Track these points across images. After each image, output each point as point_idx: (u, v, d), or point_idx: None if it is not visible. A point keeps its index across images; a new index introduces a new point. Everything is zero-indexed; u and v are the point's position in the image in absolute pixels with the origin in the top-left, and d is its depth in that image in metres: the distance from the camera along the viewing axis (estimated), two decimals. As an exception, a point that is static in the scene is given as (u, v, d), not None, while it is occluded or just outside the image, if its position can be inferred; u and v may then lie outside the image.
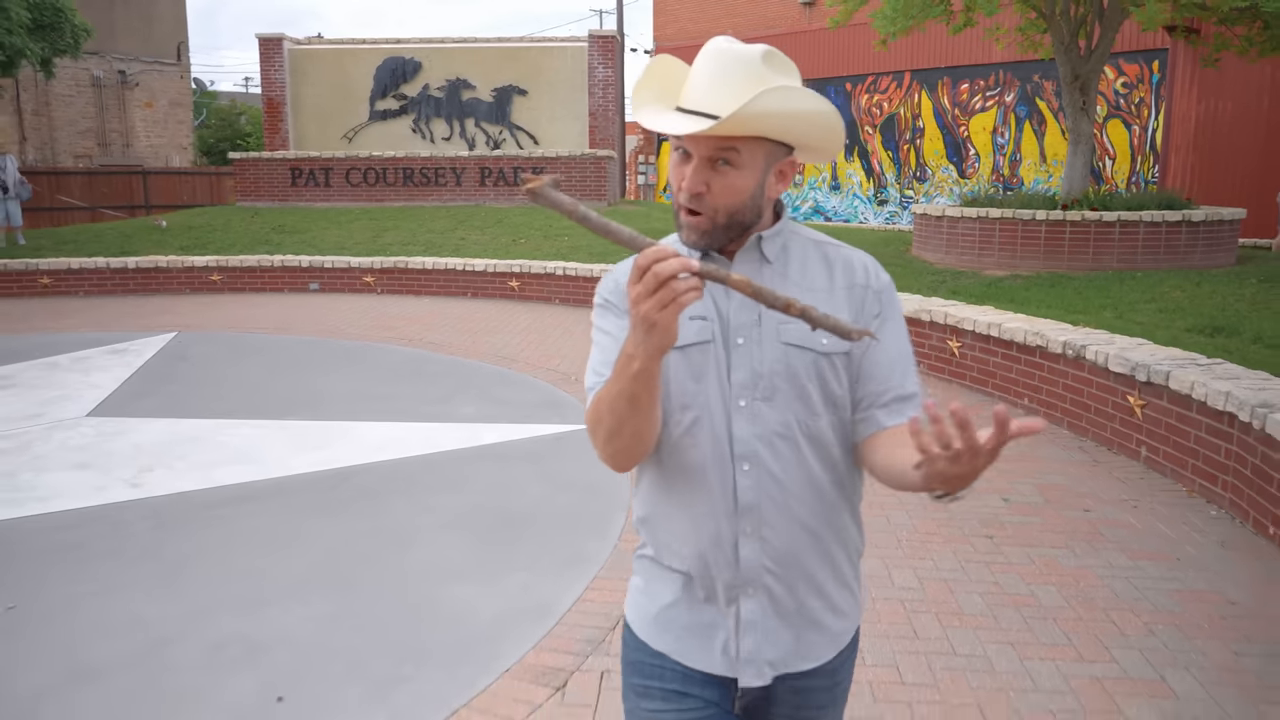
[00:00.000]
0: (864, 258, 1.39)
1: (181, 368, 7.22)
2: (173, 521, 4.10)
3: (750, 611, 1.33)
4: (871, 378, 1.35)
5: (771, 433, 1.30)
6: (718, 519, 1.31)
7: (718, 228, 1.28)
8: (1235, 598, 3.37)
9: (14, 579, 3.53)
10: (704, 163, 1.25)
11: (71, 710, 2.67)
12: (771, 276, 1.33)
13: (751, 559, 1.31)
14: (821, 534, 1.35)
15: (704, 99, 1.23)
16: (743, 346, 1.31)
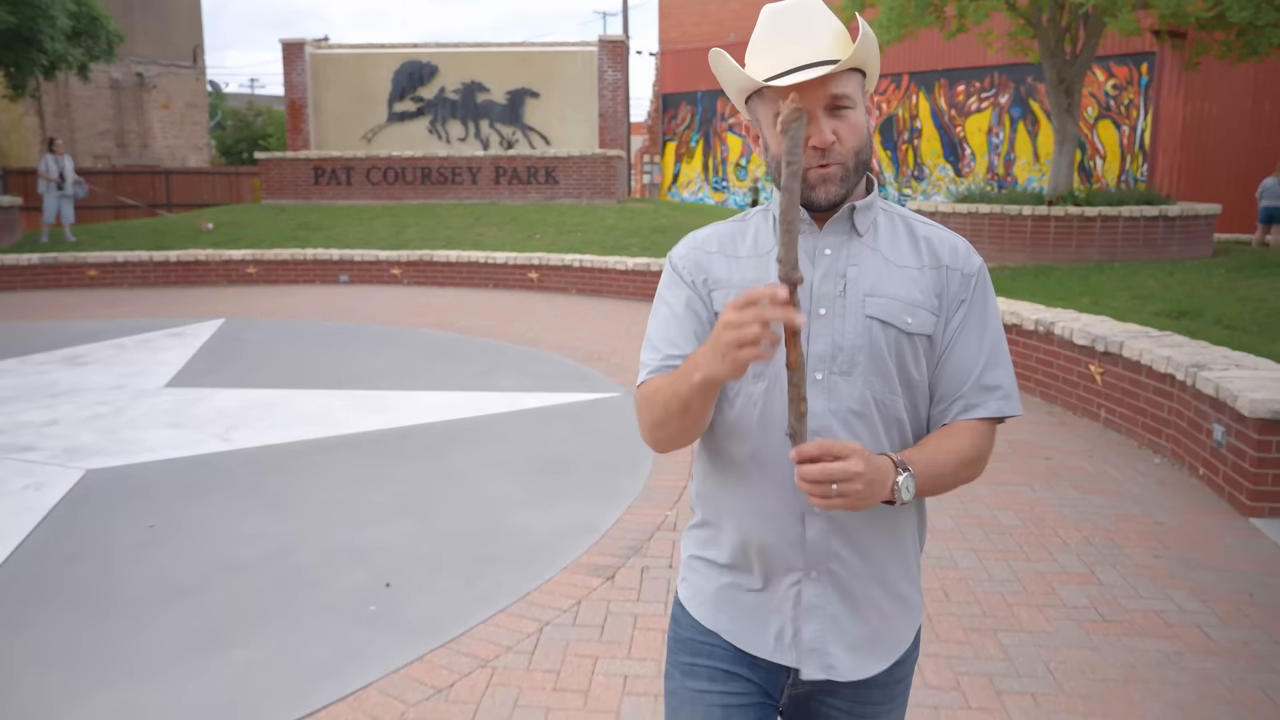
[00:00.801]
0: (955, 239, 1.35)
1: (238, 348, 7.93)
2: (266, 467, 4.82)
3: (814, 595, 1.29)
4: (952, 372, 1.31)
5: (847, 409, 1.26)
6: (784, 495, 1.26)
7: (850, 172, 1.26)
8: (1162, 520, 4.07)
9: (147, 507, 4.24)
10: (825, 113, 1.23)
11: (231, 591, 3.38)
12: (860, 249, 1.30)
13: (818, 539, 1.27)
14: (890, 521, 1.30)
15: (809, 51, 1.22)
16: (824, 317, 1.27)
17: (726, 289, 1.30)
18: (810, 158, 1.24)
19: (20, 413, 5.81)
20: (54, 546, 3.81)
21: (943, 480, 1.27)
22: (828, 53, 1.21)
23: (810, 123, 1.22)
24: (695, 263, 1.34)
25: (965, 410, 1.31)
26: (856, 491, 1.12)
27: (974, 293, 1.31)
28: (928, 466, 1.25)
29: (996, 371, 1.31)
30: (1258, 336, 6.90)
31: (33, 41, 12.85)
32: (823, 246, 1.30)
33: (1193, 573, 3.53)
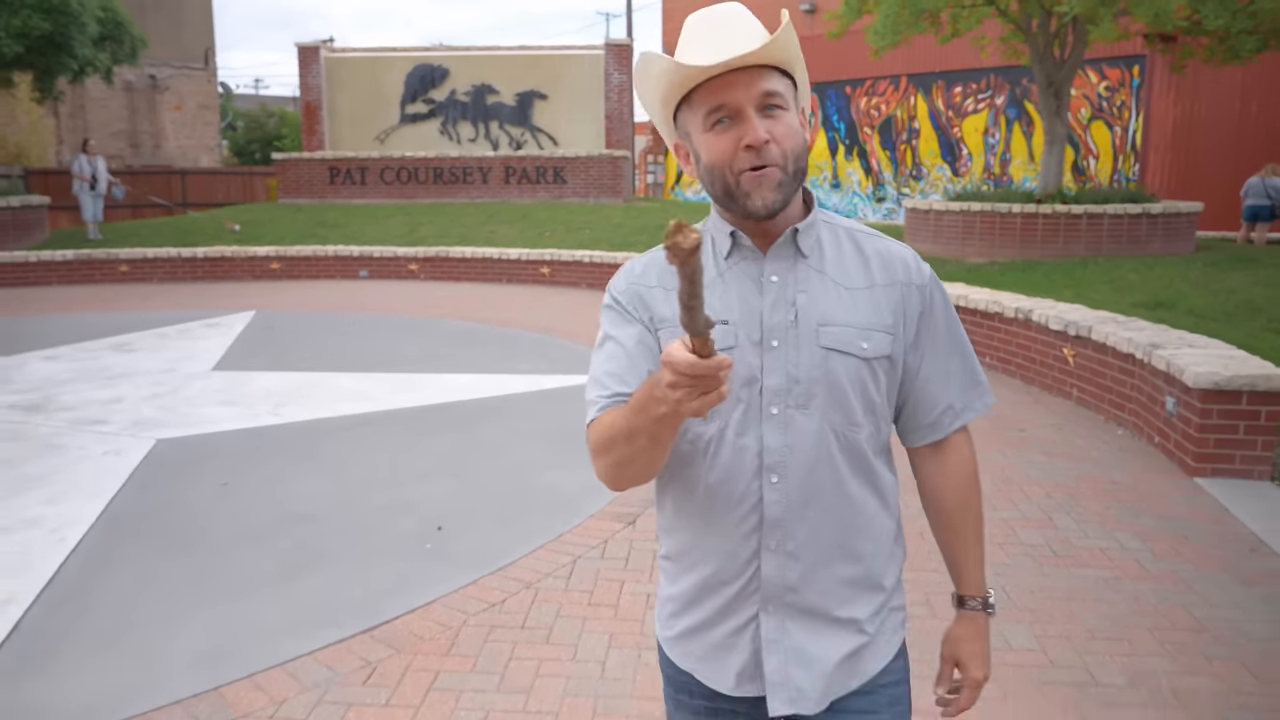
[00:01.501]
0: (904, 250, 1.32)
1: (272, 336, 8.47)
2: (318, 436, 5.35)
3: (771, 630, 1.26)
4: (930, 387, 1.32)
5: (805, 443, 1.23)
6: (741, 532, 1.25)
7: (788, 177, 1.21)
8: (1117, 479, 4.59)
9: (217, 470, 4.78)
10: (758, 112, 1.20)
11: (301, 535, 3.92)
12: (808, 273, 1.26)
13: (774, 575, 1.25)
14: (855, 549, 1.27)
15: (729, 46, 1.18)
16: (777, 349, 1.23)
17: (672, 326, 1.24)
18: (744, 159, 1.20)
19: (85, 392, 6.35)
20: (142, 501, 4.34)
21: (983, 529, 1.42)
22: (760, 42, 1.18)
23: (743, 122, 1.19)
24: (638, 297, 1.29)
25: (955, 417, 1.34)
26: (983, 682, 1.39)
27: (932, 302, 1.31)
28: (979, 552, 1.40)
29: (973, 370, 1.35)
30: (1224, 325, 7.44)
31: (64, 47, 13.40)
32: (769, 273, 1.25)
33: (1137, 520, 4.06)
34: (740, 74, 1.19)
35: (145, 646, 3.02)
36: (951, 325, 1.34)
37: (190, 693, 2.74)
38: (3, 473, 4.71)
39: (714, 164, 1.22)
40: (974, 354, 1.37)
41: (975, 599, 1.40)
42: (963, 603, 1.41)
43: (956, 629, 1.41)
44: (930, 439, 1.36)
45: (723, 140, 1.20)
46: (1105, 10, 9.57)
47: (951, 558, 1.41)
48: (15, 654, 2.98)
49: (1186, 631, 3.10)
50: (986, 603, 1.40)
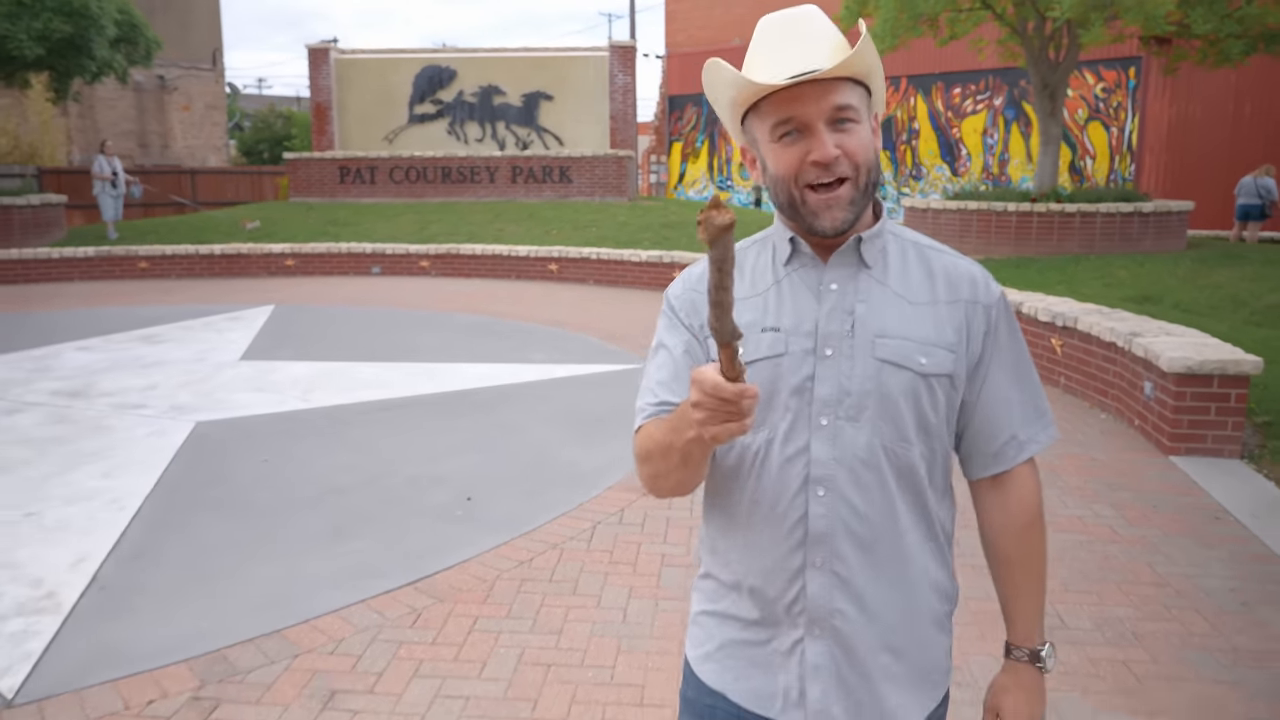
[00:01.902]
0: (972, 267, 1.28)
1: (293, 329, 8.80)
2: (346, 420, 5.68)
3: (817, 655, 1.21)
4: (984, 418, 1.27)
5: (854, 457, 1.19)
6: (785, 547, 1.21)
7: (859, 194, 1.18)
8: (1097, 457, 4.92)
9: (256, 448, 5.11)
10: (828, 127, 1.16)
11: (341, 504, 4.25)
12: (869, 283, 1.22)
13: (820, 595, 1.20)
14: (903, 574, 1.23)
15: (810, 60, 1.15)
16: (830, 359, 1.20)
17: None
18: (810, 173, 1.17)
19: (121, 379, 6.69)
20: (190, 475, 4.68)
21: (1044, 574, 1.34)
22: (828, 61, 1.14)
23: (811, 136, 1.16)
24: (691, 304, 1.27)
25: (1020, 449, 1.28)
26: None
27: (998, 324, 1.25)
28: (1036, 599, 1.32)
29: (1038, 400, 1.29)
30: (1208, 317, 7.78)
31: (83, 49, 13.74)
32: (828, 281, 1.22)
33: (1113, 493, 4.39)
34: (811, 86, 1.15)
35: (211, 596, 3.35)
36: (1017, 351, 1.28)
37: (256, 633, 3.07)
38: (57, 450, 5.05)
39: (781, 176, 1.19)
40: (1039, 384, 1.31)
41: (1022, 650, 1.31)
42: (1009, 651, 1.33)
43: (1000, 677, 1.33)
44: (992, 470, 1.30)
45: (790, 153, 1.17)
46: (1096, 15, 9.89)
47: (1004, 601, 1.33)
48: (95, 603, 3.31)
49: (1149, 585, 3.43)
50: (1036, 655, 1.30)
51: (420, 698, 2.71)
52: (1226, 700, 2.71)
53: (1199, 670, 2.87)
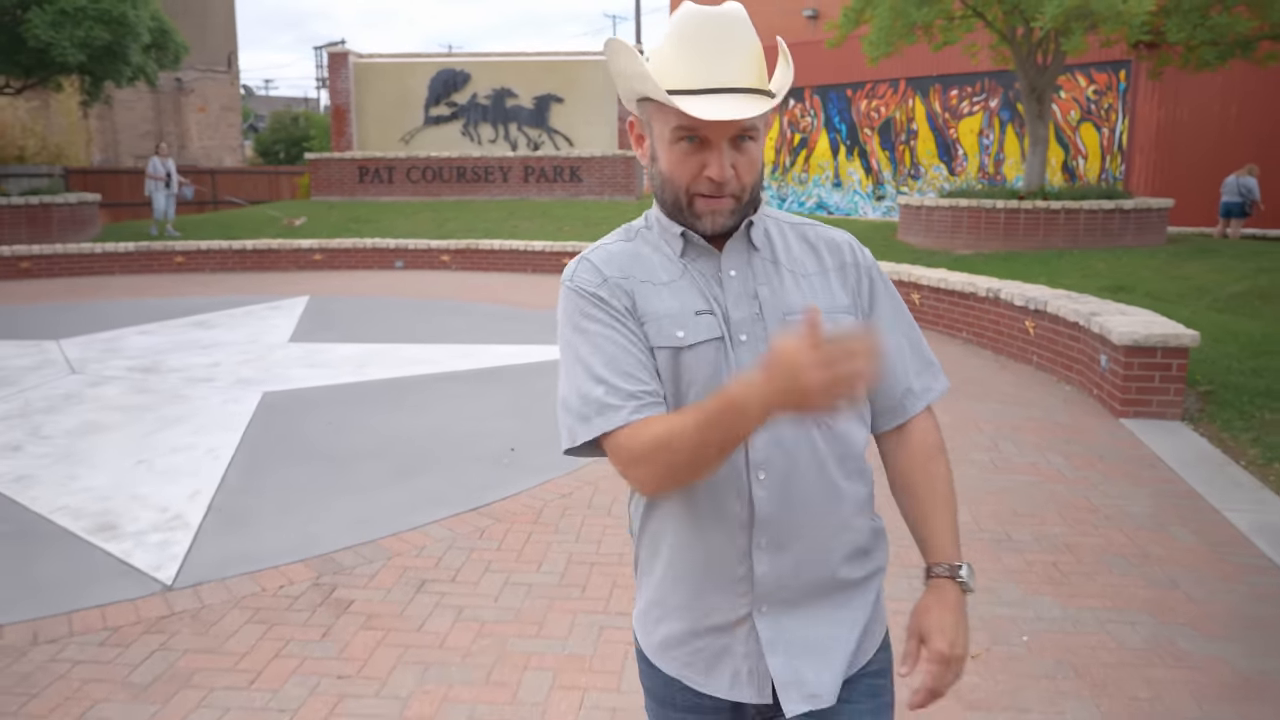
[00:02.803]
0: (844, 235, 1.34)
1: (331, 317, 9.53)
2: (398, 390, 6.41)
3: (767, 630, 1.25)
4: (889, 369, 1.31)
5: (788, 437, 1.22)
6: (731, 532, 1.23)
7: (742, 206, 1.23)
8: (1057, 420, 5.63)
9: (321, 413, 5.84)
10: (730, 144, 1.19)
11: (403, 453, 4.97)
12: (764, 265, 1.26)
13: (766, 574, 1.24)
14: (845, 536, 1.28)
15: (733, 73, 1.16)
16: (746, 344, 1.22)
17: (658, 320, 1.23)
18: (703, 185, 1.20)
19: (186, 358, 7.42)
20: (268, 433, 5.41)
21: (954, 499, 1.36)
22: (746, 78, 1.16)
23: (710, 150, 1.18)
24: (619, 288, 1.25)
25: (916, 399, 1.34)
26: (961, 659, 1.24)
27: (875, 282, 1.33)
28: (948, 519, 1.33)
29: (923, 351, 1.36)
30: (1174, 304, 8.49)
31: (120, 55, 14.48)
32: (727, 268, 1.26)
33: (1066, 446, 5.10)
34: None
35: (308, 518, 4.08)
36: (897, 307, 1.35)
37: (354, 543, 3.80)
38: (146, 415, 5.78)
39: (672, 180, 1.22)
40: (922, 336, 1.38)
41: (941, 565, 1.30)
42: (929, 573, 1.32)
43: (922, 599, 1.30)
44: (894, 423, 1.36)
45: (687, 162, 1.20)
46: (1077, 24, 10.59)
47: (917, 527, 1.35)
48: (215, 523, 4.04)
49: (1084, 511, 4.15)
50: (954, 570, 1.29)
51: (492, 586, 3.43)
52: (1132, 588, 3.43)
53: (1112, 569, 3.58)
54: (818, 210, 24.74)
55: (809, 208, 24.76)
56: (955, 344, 7.99)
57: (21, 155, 22.31)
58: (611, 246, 1.32)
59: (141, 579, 3.49)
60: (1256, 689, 2.78)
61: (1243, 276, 9.52)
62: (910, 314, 1.39)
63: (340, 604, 3.29)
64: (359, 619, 3.18)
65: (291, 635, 3.07)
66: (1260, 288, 8.98)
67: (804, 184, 25.10)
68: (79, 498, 4.31)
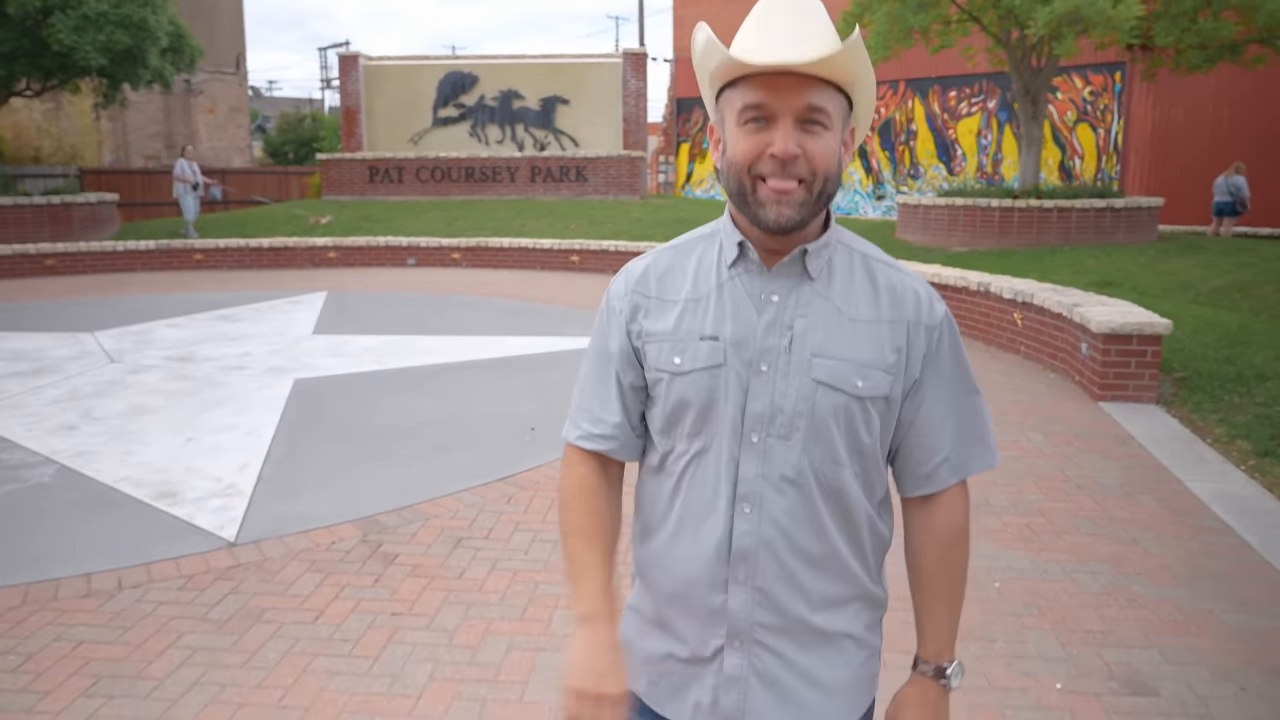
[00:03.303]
0: (918, 285, 1.24)
1: (350, 311, 9.93)
2: (419, 377, 6.80)
3: (734, 667, 1.23)
4: (917, 439, 1.25)
5: (781, 476, 1.18)
6: (710, 560, 1.21)
7: (812, 197, 1.15)
8: (1040, 404, 6.02)
9: (352, 397, 6.23)
10: (793, 123, 1.13)
11: (434, 432, 5.36)
12: (811, 297, 1.19)
13: (740, 610, 1.21)
14: (828, 593, 1.23)
15: (788, 46, 1.11)
16: (766, 375, 1.18)
17: (659, 342, 1.24)
18: (767, 166, 1.15)
19: (216, 348, 7.82)
20: (304, 415, 5.80)
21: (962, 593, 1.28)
22: (815, 56, 1.10)
23: (776, 129, 1.14)
24: (633, 306, 1.27)
25: (952, 472, 1.26)
26: None
27: (940, 345, 1.23)
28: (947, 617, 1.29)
29: (977, 424, 1.27)
30: (1158, 298, 8.87)
31: (139, 59, 14.89)
32: (770, 292, 1.21)
33: (1046, 426, 5.49)
34: (788, 79, 1.13)
35: (350, 486, 4.47)
36: (960, 373, 1.26)
37: (394, 507, 4.19)
38: (188, 399, 6.18)
39: (736, 161, 1.17)
40: (984, 409, 1.29)
41: (929, 665, 1.29)
42: (916, 664, 1.31)
43: (905, 689, 1.31)
44: (922, 491, 1.28)
45: (752, 140, 1.15)
46: (1069, 29, 10.98)
47: (919, 615, 1.32)
48: (266, 491, 4.43)
49: (1059, 481, 4.54)
50: (942, 672, 1.28)
51: (522, 542, 3.83)
52: (1096, 545, 3.82)
53: (1080, 529, 3.98)
54: (819, 210, 25.07)
55: (810, 207, 25.14)
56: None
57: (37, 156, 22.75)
58: (661, 254, 1.31)
59: (207, 536, 3.88)
60: (1197, 625, 3.17)
61: (1225, 272, 9.90)
62: (975, 383, 1.29)
63: (387, 557, 3.69)
64: (405, 569, 3.58)
65: (347, 581, 3.47)
66: (1240, 282, 9.36)
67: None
68: (138, 470, 4.72)
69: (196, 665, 2.90)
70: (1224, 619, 3.19)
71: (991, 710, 2.68)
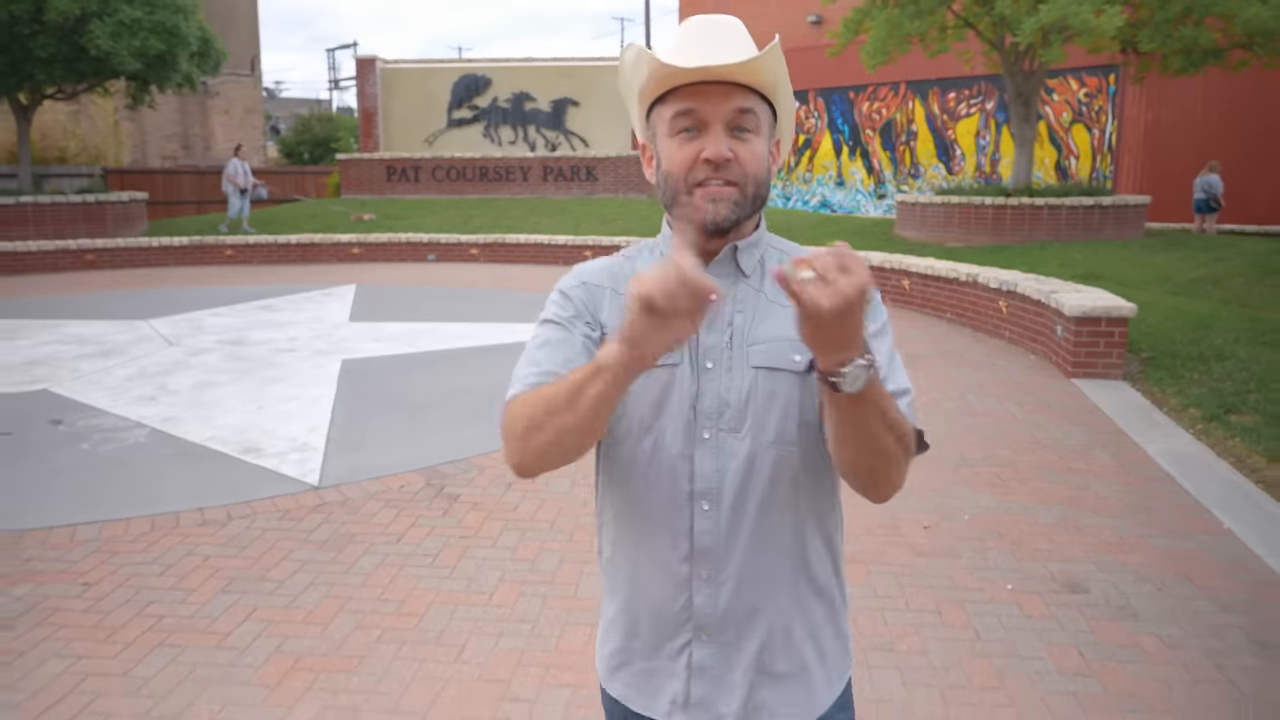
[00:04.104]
0: None
1: (380, 302, 10.59)
2: (452, 359, 7.46)
3: (703, 658, 1.26)
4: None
5: (737, 469, 1.21)
6: (670, 561, 1.24)
7: (746, 200, 1.21)
8: (1018, 380, 6.67)
9: (395, 373, 6.90)
10: (723, 129, 1.19)
11: (473, 400, 6.02)
12: (747, 292, 1.25)
13: (706, 606, 1.24)
14: (791, 581, 1.26)
15: (713, 55, 1.17)
16: (711, 371, 1.22)
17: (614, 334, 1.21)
18: (701, 171, 1.19)
19: (264, 334, 8.49)
20: (355, 388, 6.47)
21: (884, 416, 1.09)
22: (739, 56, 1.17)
23: (707, 135, 1.19)
24: (590, 295, 1.30)
25: None
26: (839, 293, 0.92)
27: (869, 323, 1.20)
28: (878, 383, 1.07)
29: (897, 372, 1.22)
30: (1138, 289, 9.51)
31: (171, 63, 15.58)
32: None
33: (1022, 398, 6.14)
34: (717, 87, 1.19)
35: (409, 444, 5.14)
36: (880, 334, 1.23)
37: (451, 459, 4.85)
38: (248, 376, 6.84)
39: (671, 171, 1.21)
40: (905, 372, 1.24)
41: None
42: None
43: None
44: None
45: (685, 150, 1.20)
46: (1055, 36, 11.61)
47: None
48: (336, 448, 5.09)
49: (1029, 442, 5.19)
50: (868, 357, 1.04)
51: (563, 486, 4.48)
52: (1055, 489, 4.46)
53: (1042, 477, 4.63)
54: (821, 208, 25.76)
55: (813, 206, 25.79)
56: (940, 323, 9.01)
57: (62, 156, 23.46)
58: (607, 260, 1.35)
59: (293, 482, 4.55)
60: (1130, 546, 3.82)
61: (1201, 266, 10.54)
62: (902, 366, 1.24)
63: (451, 496, 4.35)
64: (467, 504, 4.24)
65: (420, 514, 4.13)
66: (1214, 275, 10.00)
67: (808, 183, 26.13)
68: (221, 431, 5.38)
69: (308, 572, 3.56)
70: (1153, 542, 3.85)
71: (955, 604, 3.33)
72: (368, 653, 3.00)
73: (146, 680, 2.84)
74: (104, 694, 2.77)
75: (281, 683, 2.83)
